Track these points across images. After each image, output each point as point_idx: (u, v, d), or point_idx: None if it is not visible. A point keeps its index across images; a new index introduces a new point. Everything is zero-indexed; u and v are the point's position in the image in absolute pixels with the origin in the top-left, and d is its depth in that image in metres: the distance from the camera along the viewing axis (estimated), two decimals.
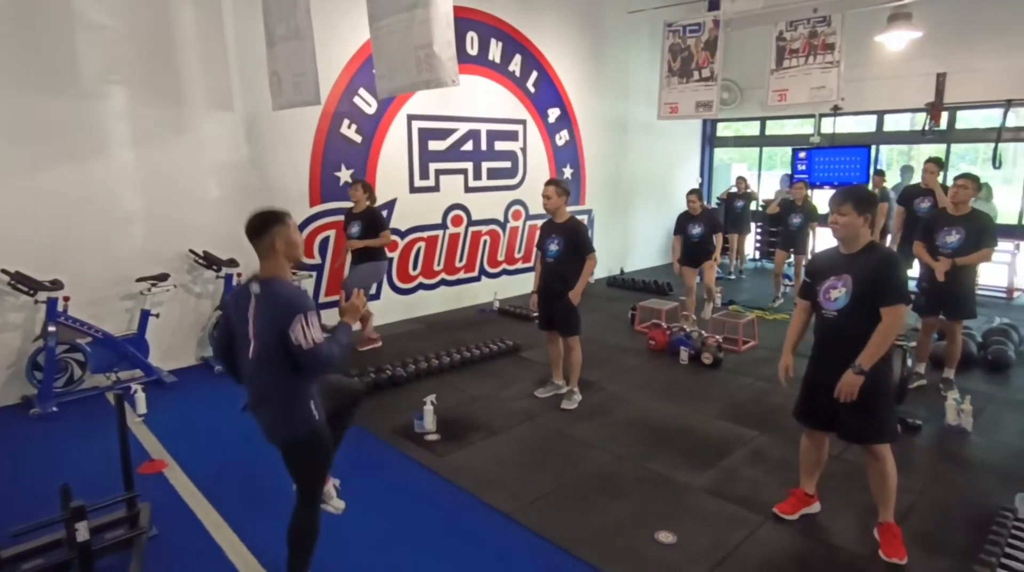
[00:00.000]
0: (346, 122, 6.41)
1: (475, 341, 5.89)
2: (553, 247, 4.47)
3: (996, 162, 8.09)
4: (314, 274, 6.35)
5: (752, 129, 11.06)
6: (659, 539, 2.96)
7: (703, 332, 5.89)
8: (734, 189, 9.82)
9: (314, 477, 2.54)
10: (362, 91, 6.43)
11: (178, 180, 5.36)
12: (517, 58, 7.89)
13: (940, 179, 6.35)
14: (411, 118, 6.93)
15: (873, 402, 2.77)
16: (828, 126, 9.62)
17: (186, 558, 2.88)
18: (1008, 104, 7.91)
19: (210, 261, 5.39)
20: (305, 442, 2.43)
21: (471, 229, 7.79)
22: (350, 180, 6.22)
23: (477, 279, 8.00)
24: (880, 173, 8.37)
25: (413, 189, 7.10)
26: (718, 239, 6.53)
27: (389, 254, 6.95)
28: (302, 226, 6.17)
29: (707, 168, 11.70)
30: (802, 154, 9.45)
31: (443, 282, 7.63)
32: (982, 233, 4.46)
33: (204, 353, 5.64)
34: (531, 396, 4.78)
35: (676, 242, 6.77)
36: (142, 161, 5.15)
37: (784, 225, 7.85)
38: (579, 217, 8.80)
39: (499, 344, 5.86)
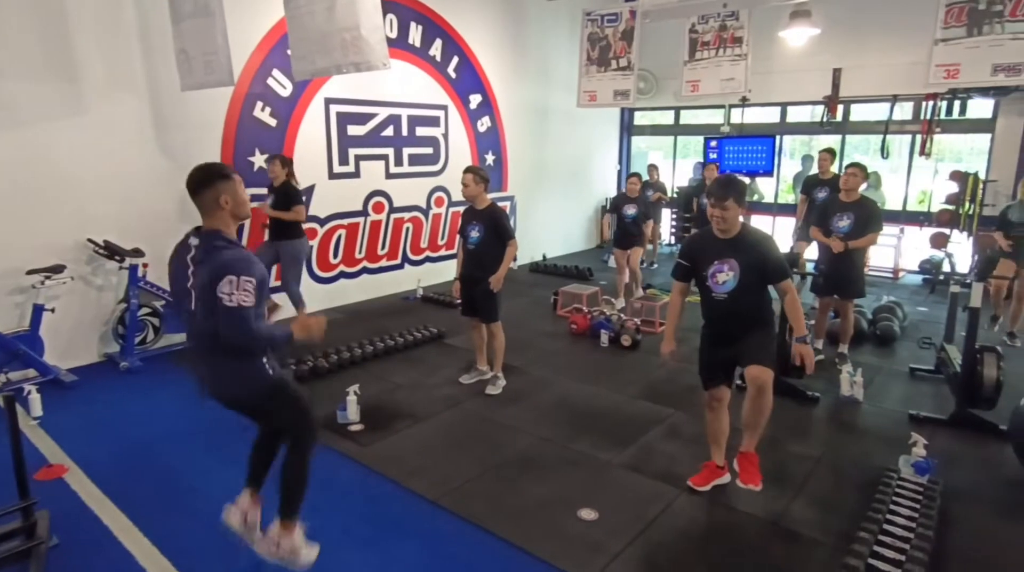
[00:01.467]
0: (260, 105, 6.15)
1: (399, 329, 5.84)
2: (474, 234, 4.49)
3: (884, 153, 8.76)
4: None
5: (667, 118, 11.43)
6: (581, 516, 3.07)
7: (622, 315, 6.09)
8: (646, 177, 10.13)
9: (295, 423, 2.50)
10: (276, 72, 6.18)
11: (75, 164, 4.97)
12: (438, 43, 7.80)
13: (835, 168, 6.86)
14: (329, 102, 6.73)
15: (767, 337, 3.20)
16: (737, 116, 10.08)
17: (93, 567, 2.73)
18: (894, 99, 8.57)
19: (112, 251, 5.05)
20: (264, 395, 2.38)
21: (393, 216, 7.68)
22: (264, 165, 5.98)
23: (400, 267, 7.92)
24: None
25: (332, 175, 6.91)
26: (647, 226, 6.89)
27: (309, 242, 6.76)
28: None
29: (625, 156, 12.01)
30: (713, 143, 9.86)
31: (365, 270, 7.50)
32: (870, 219, 4.88)
33: (108, 349, 5.31)
34: (456, 383, 4.80)
35: (609, 220, 7.09)
36: (30, 142, 4.74)
37: (697, 207, 8.21)
38: (502, 204, 8.98)
39: (423, 332, 5.84)
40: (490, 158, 8.91)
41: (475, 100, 8.53)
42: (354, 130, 7.05)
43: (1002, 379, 3.92)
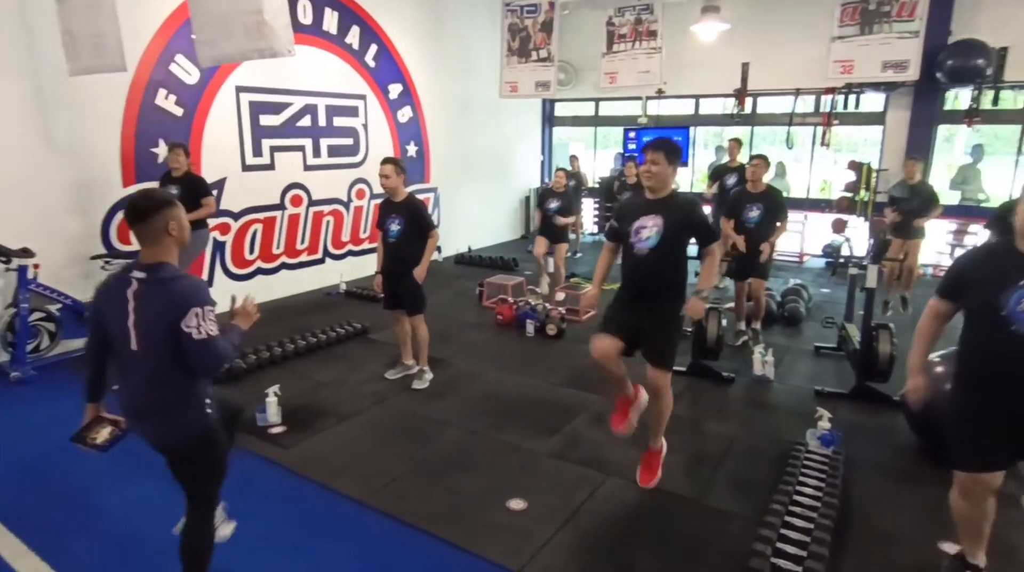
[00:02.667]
0: (163, 92, 5.78)
1: (321, 326, 5.68)
2: (394, 227, 4.40)
3: (789, 143, 9.26)
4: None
5: (588, 109, 11.62)
6: (510, 507, 3.09)
7: (547, 305, 6.16)
8: (568, 168, 10.27)
9: (212, 479, 2.34)
10: (180, 58, 5.82)
11: None
12: (355, 30, 7.58)
13: (742, 158, 7.23)
14: (240, 90, 6.42)
15: (673, 330, 3.18)
16: (654, 108, 10.38)
17: None
18: (797, 92, 9.05)
19: None
20: (201, 442, 2.22)
21: (312, 209, 7.43)
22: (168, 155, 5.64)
23: (321, 261, 7.68)
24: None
25: (246, 167, 6.60)
26: (570, 222, 7.04)
27: (222, 238, 6.45)
28: (115, 208, 5.51)
29: (547, 146, 12.13)
30: (631, 134, 10.13)
31: (284, 266, 7.23)
32: (777, 209, 5.18)
33: None
34: (381, 378, 4.72)
35: (538, 216, 7.14)
36: None
37: (617, 201, 8.42)
38: (425, 196, 8.88)
39: (346, 327, 5.70)
40: (412, 149, 8.78)
41: (395, 90, 8.36)
42: (268, 120, 6.76)
43: (895, 353, 4.23)
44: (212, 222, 6.04)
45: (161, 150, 5.78)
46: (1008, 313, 2.08)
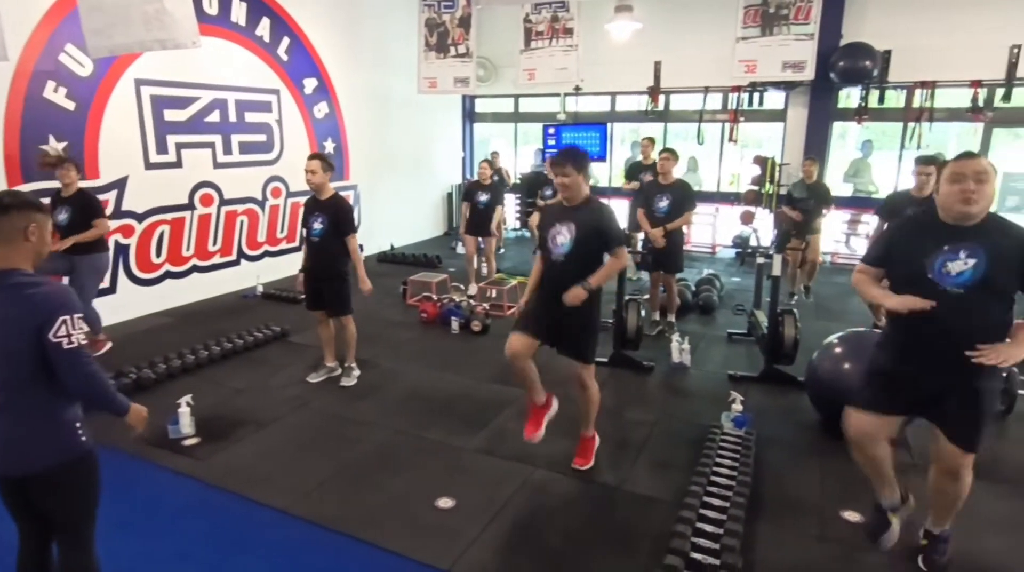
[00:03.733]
0: (52, 84, 5.35)
1: (237, 330, 5.45)
2: (317, 226, 4.29)
3: (699, 139, 9.66)
4: None
5: (508, 106, 11.67)
6: (438, 506, 3.08)
7: (471, 301, 6.17)
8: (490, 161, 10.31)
9: (87, 512, 2.06)
10: (71, 48, 5.40)
11: None
12: (265, 22, 7.29)
13: (655, 155, 7.50)
14: (140, 83, 6.04)
15: (589, 327, 3.28)
16: (572, 105, 10.56)
17: None
18: (706, 90, 9.45)
19: None
20: (71, 469, 1.96)
21: (224, 209, 7.11)
22: (62, 154, 5.24)
23: (236, 263, 7.37)
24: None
25: (149, 165, 6.23)
26: (497, 213, 7.09)
27: (125, 241, 6.06)
28: None
29: (468, 143, 12.11)
30: (551, 130, 10.26)
31: (195, 269, 6.88)
32: (684, 199, 5.41)
33: None
34: (303, 382, 4.59)
35: (465, 208, 7.13)
36: None
37: (539, 196, 8.52)
38: (345, 193, 8.67)
39: (265, 330, 5.50)
40: (330, 145, 8.55)
41: (310, 85, 8.11)
42: (173, 115, 6.40)
43: (798, 337, 4.51)
44: (113, 224, 5.68)
45: (53, 146, 5.36)
46: (934, 276, 2.28)
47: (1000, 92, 7.94)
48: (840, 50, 8.26)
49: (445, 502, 3.11)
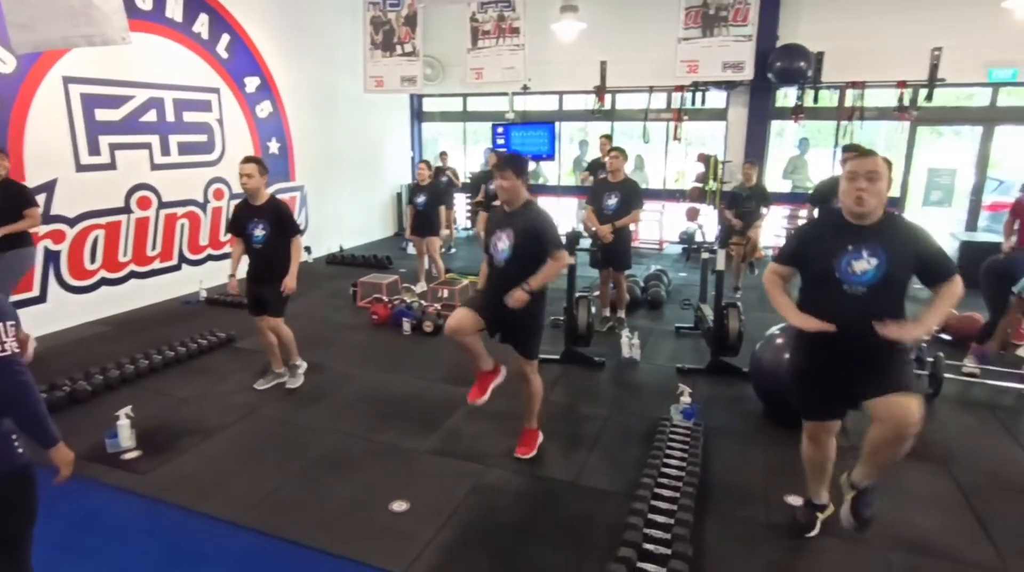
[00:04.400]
0: None
1: (180, 337, 5.27)
2: (258, 232, 4.16)
3: (645, 138, 9.85)
4: None
5: (456, 105, 11.63)
6: (393, 509, 3.06)
7: (423, 302, 6.13)
8: (438, 164, 10.25)
9: (24, 528, 1.96)
10: None
11: None
12: (203, 18, 7.06)
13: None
14: (68, 81, 5.76)
15: (532, 325, 3.35)
16: (520, 104, 10.60)
17: None
18: (651, 90, 9.64)
19: None
20: (7, 482, 1.85)
21: (163, 212, 6.85)
22: None
23: (177, 268, 7.12)
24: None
25: (81, 167, 5.95)
26: (443, 213, 7.12)
27: (55, 247, 5.78)
28: None
29: (417, 142, 12.02)
30: (500, 129, 10.28)
31: (133, 275, 6.61)
32: (632, 197, 5.51)
33: None
34: (251, 389, 4.47)
35: (409, 210, 7.20)
36: None
37: (483, 191, 8.52)
38: (291, 195, 8.50)
39: (209, 337, 5.33)
40: (274, 146, 8.35)
41: (252, 83, 7.90)
42: (105, 115, 6.13)
43: (743, 329, 4.66)
44: (42, 230, 5.42)
45: None
46: (840, 275, 2.40)
47: (923, 92, 8.38)
48: (776, 51, 8.56)
49: (399, 505, 3.08)
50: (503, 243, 3.26)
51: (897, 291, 2.41)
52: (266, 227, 4.16)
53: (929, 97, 8.37)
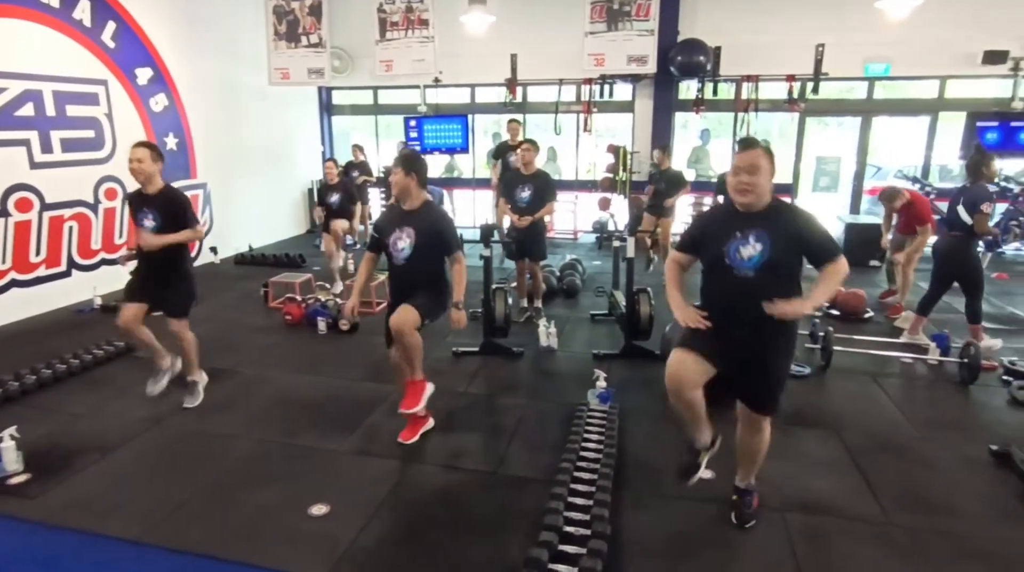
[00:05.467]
0: None
1: (72, 349, 4.91)
2: (149, 223, 3.82)
3: (557, 130, 10.02)
4: None
5: (367, 98, 11.39)
6: (312, 513, 2.99)
7: (338, 300, 6.00)
8: (350, 158, 10.03)
9: None
10: None
11: None
12: (84, 4, 6.55)
13: (520, 137, 7.79)
14: None
15: (429, 295, 3.41)
16: (433, 96, 10.51)
17: None
18: (561, 82, 9.80)
19: None
20: None
21: (47, 214, 6.33)
22: None
23: (67, 274, 6.61)
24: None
25: None
26: (356, 209, 7.00)
27: None
28: None
29: (328, 136, 11.69)
30: (412, 123, 10.17)
31: (15, 283, 6.09)
32: (546, 190, 5.61)
33: None
34: (154, 399, 4.21)
35: (319, 212, 7.05)
36: None
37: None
38: (193, 193, 8.06)
39: (106, 347, 5.00)
40: (172, 141, 7.89)
41: (144, 75, 7.43)
42: None
43: (653, 314, 4.85)
44: None
45: None
46: (730, 260, 2.55)
47: (810, 86, 8.97)
48: (677, 46, 8.91)
49: (319, 509, 3.02)
50: (403, 242, 3.33)
51: (785, 274, 2.56)
52: (157, 218, 3.82)
53: (815, 90, 8.97)
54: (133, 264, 4.03)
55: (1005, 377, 4.53)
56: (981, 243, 5.81)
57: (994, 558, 2.70)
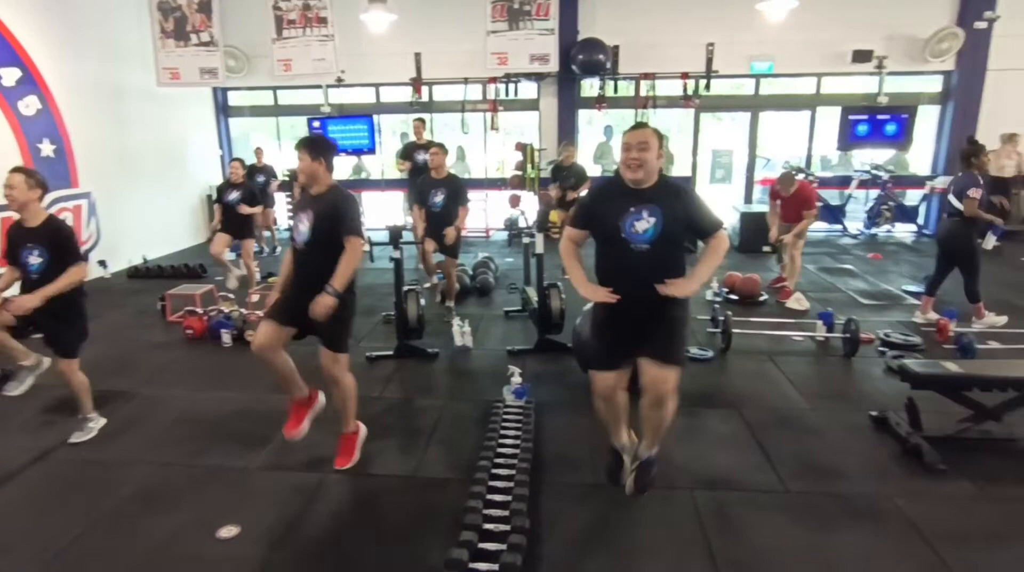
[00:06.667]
0: None
1: None
2: (34, 260, 3.51)
3: (464, 128, 10.04)
4: None
5: (266, 99, 10.95)
6: (220, 536, 2.86)
7: (243, 310, 5.76)
8: (254, 161, 9.62)
9: None
10: None
11: None
12: None
13: (426, 135, 7.82)
14: None
15: (341, 315, 3.17)
16: (336, 96, 10.26)
17: None
18: (466, 81, 9.82)
19: None
20: None
21: None
22: None
23: None
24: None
25: None
26: (256, 212, 6.75)
27: None
28: None
29: (226, 139, 11.16)
30: (316, 123, 9.89)
31: None
32: (457, 193, 5.64)
33: None
34: (38, 430, 3.90)
35: (217, 211, 6.77)
36: None
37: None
38: (76, 203, 7.49)
39: None
40: (47, 148, 7.28)
41: (11, 76, 6.82)
42: None
43: (564, 308, 4.97)
44: None
45: None
46: (626, 235, 2.67)
47: (703, 83, 9.44)
48: (578, 45, 9.14)
49: (228, 531, 2.89)
50: (304, 225, 3.21)
51: (675, 245, 2.75)
52: (43, 254, 3.52)
53: (707, 87, 9.45)
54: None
55: (881, 349, 4.97)
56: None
57: (876, 512, 2.97)
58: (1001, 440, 3.56)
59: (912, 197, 10.36)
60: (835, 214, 10.13)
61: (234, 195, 6.60)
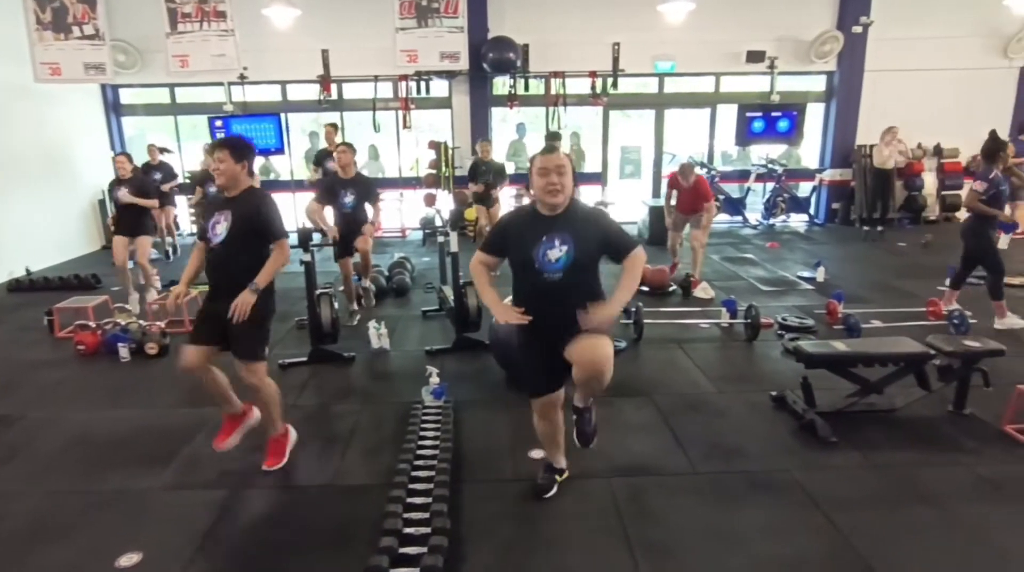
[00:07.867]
0: None
1: None
2: None
3: (375, 127, 9.87)
4: None
5: (163, 96, 10.32)
6: (120, 565, 2.68)
7: (142, 322, 5.43)
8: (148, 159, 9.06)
9: None
10: None
11: None
12: None
13: (338, 139, 7.57)
14: None
15: (254, 323, 3.10)
16: (239, 94, 9.81)
17: None
18: (376, 79, 9.65)
19: None
20: None
21: None
22: None
23: None
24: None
25: None
26: (151, 205, 6.39)
27: None
28: None
29: (118, 139, 10.45)
30: (219, 123, 9.43)
31: None
32: (368, 192, 5.54)
33: None
34: None
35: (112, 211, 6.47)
36: None
37: (205, 194, 7.83)
38: None
39: None
40: None
41: None
42: None
43: (481, 305, 4.98)
44: None
45: None
46: (539, 265, 2.64)
47: (610, 81, 9.71)
48: (488, 43, 9.18)
49: (129, 558, 2.71)
50: (221, 226, 3.11)
51: (589, 270, 2.73)
52: None
53: (615, 85, 9.73)
54: None
55: (779, 332, 5.30)
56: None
57: (776, 486, 3.16)
58: (883, 411, 3.88)
59: (804, 189, 11.10)
60: (736, 206, 10.69)
61: (123, 191, 6.25)
